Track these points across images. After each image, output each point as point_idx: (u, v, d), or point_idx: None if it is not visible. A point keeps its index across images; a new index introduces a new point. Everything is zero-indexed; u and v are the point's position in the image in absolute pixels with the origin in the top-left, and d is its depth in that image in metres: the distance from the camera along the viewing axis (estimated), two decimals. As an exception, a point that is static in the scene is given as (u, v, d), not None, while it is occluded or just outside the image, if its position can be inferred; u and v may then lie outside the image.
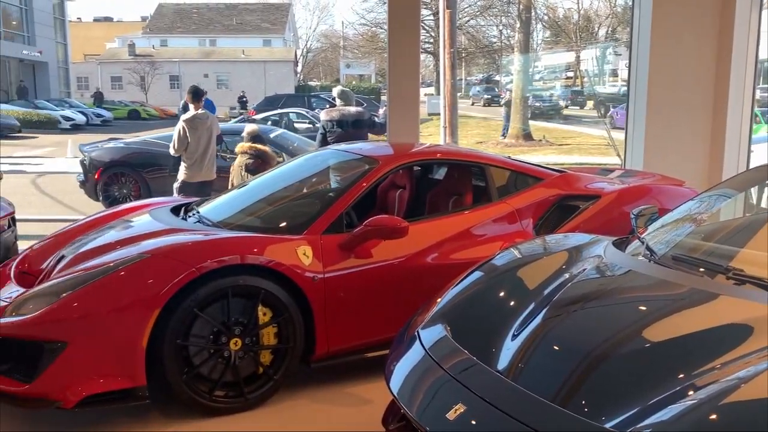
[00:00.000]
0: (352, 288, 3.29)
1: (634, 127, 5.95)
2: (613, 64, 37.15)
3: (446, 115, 14.94)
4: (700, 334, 2.00)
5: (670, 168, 5.65)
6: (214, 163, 6.53)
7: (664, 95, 5.75)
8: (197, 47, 45.07)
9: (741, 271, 2.25)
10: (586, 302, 2.39)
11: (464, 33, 28.90)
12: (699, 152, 5.91)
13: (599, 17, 34.90)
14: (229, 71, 41.79)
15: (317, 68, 53.31)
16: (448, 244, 3.55)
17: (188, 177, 6.35)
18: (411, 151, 4.08)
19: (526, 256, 2.93)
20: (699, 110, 5.84)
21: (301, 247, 3.21)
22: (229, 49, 43.97)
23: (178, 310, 2.90)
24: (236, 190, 4.23)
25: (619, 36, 33.71)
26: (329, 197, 3.57)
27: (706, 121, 5.87)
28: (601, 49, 35.31)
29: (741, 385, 1.65)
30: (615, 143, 12.41)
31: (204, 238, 3.22)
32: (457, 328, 2.44)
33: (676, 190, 4.32)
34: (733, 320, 2.01)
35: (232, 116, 26.19)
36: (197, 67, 41.53)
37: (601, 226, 3.87)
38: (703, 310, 2.15)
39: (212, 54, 43.56)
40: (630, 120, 6.05)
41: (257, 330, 3.09)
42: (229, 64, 42.03)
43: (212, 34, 46.75)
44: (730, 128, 5.79)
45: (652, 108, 5.77)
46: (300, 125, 18.89)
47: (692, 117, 5.83)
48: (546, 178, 4.05)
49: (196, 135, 6.27)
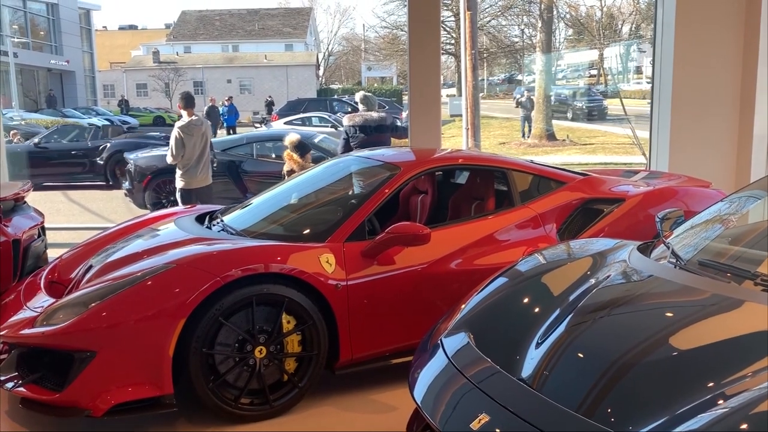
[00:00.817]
0: (375, 295, 3.29)
1: (659, 125, 5.88)
2: (638, 61, 36.73)
3: (468, 117, 14.91)
4: (728, 342, 1.96)
5: (696, 167, 5.56)
6: (209, 169, 6.56)
7: (689, 93, 5.67)
8: (220, 53, 45.53)
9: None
10: (610, 309, 2.37)
11: (485, 33, 28.79)
12: (726, 151, 5.81)
13: (622, 14, 34.50)
14: (251, 76, 42.14)
15: (339, 71, 53.53)
16: (471, 249, 3.54)
17: (186, 184, 6.38)
18: (433, 157, 4.08)
19: (550, 262, 2.91)
20: (725, 108, 5.74)
21: (324, 254, 3.23)
22: (252, 54, 44.33)
23: (204, 318, 2.93)
24: (260, 198, 4.26)
25: (643, 33, 33.29)
26: (351, 204, 3.59)
27: (733, 120, 5.76)
28: (625, 47, 34.91)
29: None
30: (640, 142, 12.27)
31: (228, 247, 3.25)
32: (480, 336, 2.43)
33: (703, 191, 4.25)
34: (762, 328, 1.98)
35: (254, 121, 26.42)
36: (220, 72, 41.98)
37: (625, 229, 3.83)
38: (730, 318, 2.11)
39: (235, 59, 43.96)
40: (654, 118, 5.98)
41: (281, 338, 3.11)
42: (252, 69, 42.38)
43: (235, 39, 47.21)
44: (758, 126, 5.68)
45: (677, 106, 5.68)
46: (322, 129, 18.99)
47: (718, 115, 5.74)
48: (569, 181, 4.01)
49: (192, 141, 6.30)
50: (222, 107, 22.18)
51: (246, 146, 9.89)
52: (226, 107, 21.99)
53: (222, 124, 21.69)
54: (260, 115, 27.22)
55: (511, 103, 28.82)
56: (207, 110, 21.85)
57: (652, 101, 6.12)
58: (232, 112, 21.74)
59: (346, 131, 6.75)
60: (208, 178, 6.54)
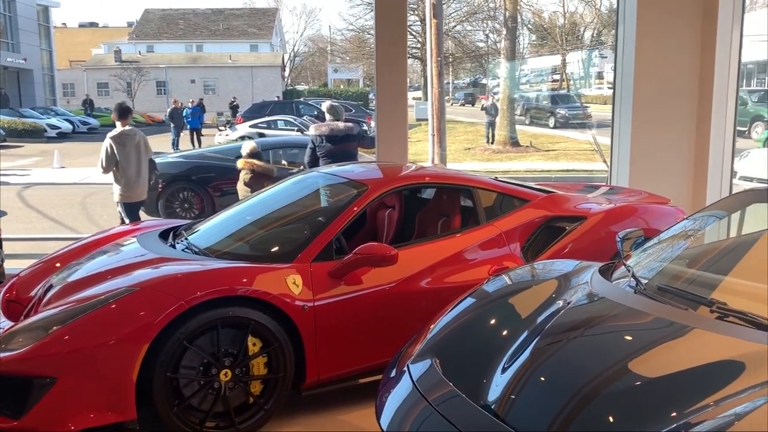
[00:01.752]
0: (343, 315, 3.30)
1: (620, 131, 5.99)
2: (599, 66, 37.43)
3: (434, 123, 15.00)
4: (690, 370, 2.01)
5: (655, 172, 5.74)
6: (146, 183, 6.32)
7: (650, 100, 5.79)
8: (184, 53, 44.92)
9: (725, 304, 2.28)
10: (574, 335, 2.41)
11: (451, 38, 28.99)
12: (684, 155, 5.93)
13: (584, 21, 35.13)
14: (216, 77, 41.69)
15: (305, 72, 53.31)
16: (438, 268, 3.57)
17: (125, 198, 6.14)
18: (400, 175, 4.10)
19: (516, 283, 2.95)
20: (684, 115, 5.88)
21: (291, 276, 3.22)
22: (216, 54, 43.86)
23: (168, 343, 2.90)
24: (225, 214, 4.22)
25: (604, 39, 33.94)
26: (318, 223, 3.58)
27: (690, 127, 5.91)
28: (587, 53, 35.54)
29: (735, 422, 1.67)
30: (600, 148, 12.51)
31: (193, 269, 3.21)
32: (447, 361, 2.45)
33: (661, 209, 4.37)
34: (723, 356, 2.03)
35: (219, 123, 26.14)
36: (184, 72, 41.42)
37: (587, 247, 3.91)
38: (691, 346, 2.17)
39: (199, 59, 43.42)
40: (616, 124, 6.10)
41: (247, 361, 3.09)
42: (216, 70, 41.93)
43: (199, 39, 46.63)
44: (714, 132, 5.83)
45: (638, 112, 5.80)
46: (288, 132, 18.89)
47: (677, 122, 5.87)
48: (532, 199, 4.08)
49: (125, 152, 6.07)
50: (186, 109, 21.88)
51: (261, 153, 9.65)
52: (190, 109, 21.69)
53: (186, 127, 21.40)
54: (224, 117, 26.92)
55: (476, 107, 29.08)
56: (170, 112, 21.56)
57: (613, 107, 6.24)
58: (196, 114, 21.45)
59: (313, 141, 6.74)
60: (145, 192, 6.30)
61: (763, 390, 1.77)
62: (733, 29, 5.73)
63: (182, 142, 20.92)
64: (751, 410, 1.70)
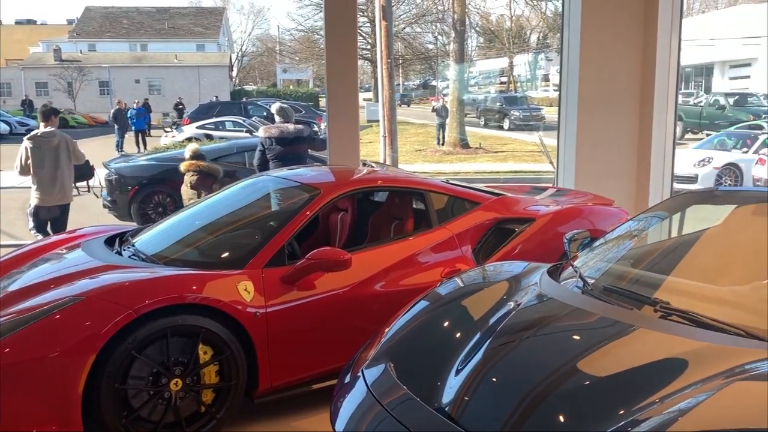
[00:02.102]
0: (296, 321, 3.27)
1: (566, 134, 6.13)
2: (545, 69, 38.29)
3: (386, 125, 15.06)
4: (637, 369, 2.07)
5: (600, 172, 5.88)
6: (71, 186, 6.10)
7: (594, 104, 5.92)
8: (128, 52, 43.78)
9: (668, 303, 2.37)
10: (524, 336, 2.46)
11: (400, 40, 29.14)
12: (628, 157, 6.10)
13: (530, 24, 35.86)
14: (161, 77, 40.75)
15: (253, 72, 52.68)
16: (391, 272, 3.58)
17: (41, 201, 5.93)
18: (352, 179, 4.10)
19: (468, 286, 2.99)
20: (627, 118, 6.03)
21: (242, 282, 3.18)
22: (161, 53, 42.87)
23: (116, 353, 2.82)
24: (173, 219, 4.14)
25: (549, 42, 34.70)
26: (270, 228, 3.54)
27: (634, 129, 6.06)
28: (533, 55, 36.29)
29: (679, 418, 1.73)
30: (547, 150, 12.77)
31: (141, 276, 3.13)
32: (401, 365, 2.47)
33: (606, 210, 4.49)
34: (667, 354, 2.10)
35: (165, 124, 25.59)
36: (128, 72, 40.36)
37: (536, 247, 3.99)
38: (636, 345, 2.24)
39: (143, 59, 42.38)
40: (562, 127, 6.23)
41: (198, 369, 3.03)
42: (162, 70, 40.98)
43: (143, 38, 45.52)
44: (656, 131, 6.01)
45: (583, 115, 5.93)
46: (236, 134, 18.63)
47: (621, 125, 6.00)
48: (483, 201, 4.13)
49: (39, 154, 5.86)
50: (130, 110, 21.33)
51: (237, 155, 9.40)
52: (135, 110, 21.16)
53: (130, 128, 20.87)
54: (170, 118, 26.34)
55: (427, 108, 29.26)
56: (114, 113, 21.00)
57: (559, 109, 6.37)
58: (141, 115, 20.93)
59: (262, 143, 6.68)
60: (66, 196, 6.05)
61: (704, 386, 1.85)
62: (672, 34, 5.94)
63: (127, 143, 20.41)
64: (693, 406, 1.77)
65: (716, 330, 2.15)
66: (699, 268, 2.93)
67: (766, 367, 1.87)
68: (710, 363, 1.96)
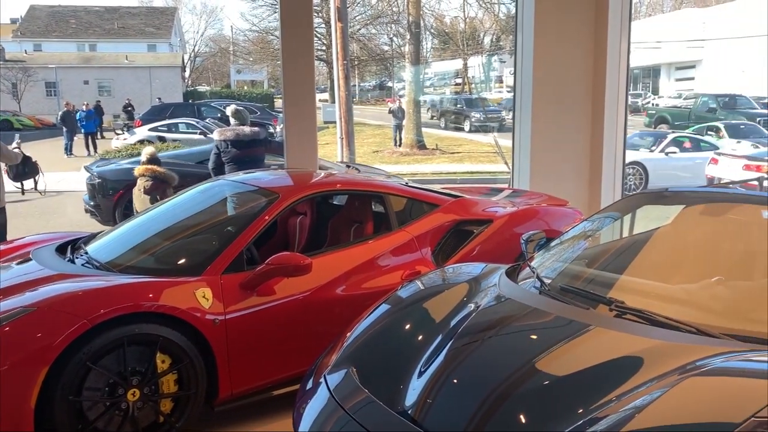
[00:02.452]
0: (256, 327, 3.24)
1: (521, 135, 6.22)
2: (498, 71, 38.81)
3: (342, 126, 15.04)
4: (594, 368, 2.12)
5: (555, 171, 5.99)
6: (2, 189, 5.62)
7: (548, 106, 6.02)
8: (76, 52, 42.57)
9: (622, 302, 2.43)
10: (484, 338, 2.49)
11: (356, 41, 29.15)
12: (581, 153, 6.21)
13: (484, 26, 36.28)
14: (111, 77, 39.72)
15: (206, 73, 51.89)
16: (351, 275, 3.58)
17: None
18: (311, 183, 4.08)
19: (428, 288, 3.01)
20: (580, 119, 6.14)
21: (200, 289, 3.13)
22: (111, 54, 41.80)
23: (70, 364, 2.74)
24: (127, 225, 4.05)
25: (503, 44, 35.19)
26: (228, 234, 3.50)
27: (586, 127, 6.19)
28: (487, 57, 36.74)
29: (635, 416, 1.78)
30: (502, 150, 12.94)
31: (95, 285, 3.05)
32: (364, 369, 2.46)
33: (561, 211, 4.58)
34: (623, 353, 2.16)
35: (116, 127, 25.00)
36: (76, 73, 39.21)
37: (494, 248, 4.05)
38: (593, 344, 2.29)
39: (92, 59, 41.25)
40: (517, 129, 6.32)
41: (156, 378, 2.98)
42: (112, 70, 39.96)
43: (92, 38, 44.32)
44: (607, 129, 6.15)
45: (537, 117, 6.02)
46: (189, 136, 18.32)
47: (574, 125, 6.10)
48: (442, 203, 4.17)
49: None
50: (79, 112, 20.76)
51: None
52: (84, 112, 20.60)
53: (80, 131, 20.31)
54: (121, 120, 25.70)
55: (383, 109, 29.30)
56: (62, 116, 20.40)
57: (514, 111, 6.47)
58: (90, 117, 20.38)
59: (218, 146, 6.58)
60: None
61: (659, 383, 1.90)
62: (622, 37, 6.09)
63: (77, 146, 19.86)
64: (649, 403, 1.82)
65: (669, 328, 2.22)
66: (651, 267, 3.02)
67: (718, 362, 1.94)
68: (664, 360, 2.02)
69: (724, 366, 1.93)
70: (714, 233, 3.01)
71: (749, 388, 1.83)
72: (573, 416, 1.90)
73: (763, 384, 1.79)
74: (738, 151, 12.35)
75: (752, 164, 10.56)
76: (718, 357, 1.98)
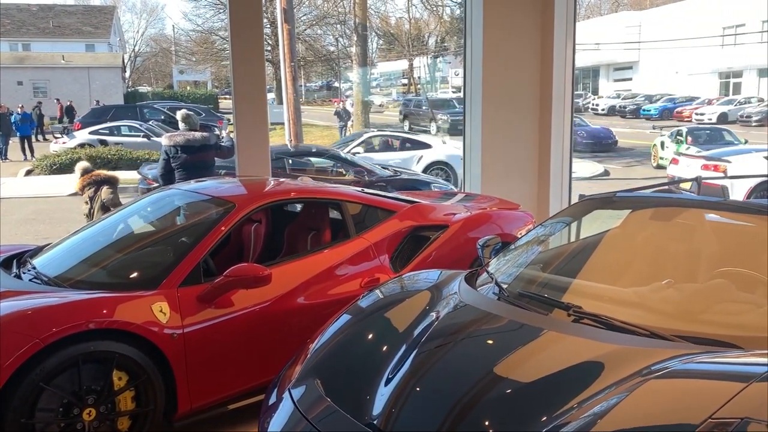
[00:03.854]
0: (215, 340, 3.19)
1: (471, 138, 6.31)
2: (444, 71, 39.24)
3: (291, 128, 14.93)
4: (555, 374, 2.16)
5: (505, 169, 6.11)
6: None
7: (496, 110, 6.13)
8: (8, 52, 40.85)
9: (580, 308, 2.50)
10: (447, 346, 2.52)
11: (302, 41, 28.95)
12: (530, 155, 6.36)
13: (429, 27, 36.60)
14: (47, 78, 38.26)
15: (148, 73, 50.63)
16: (310, 285, 3.56)
17: None
18: (266, 191, 4.04)
19: (389, 296, 3.02)
20: (528, 122, 6.29)
21: (157, 303, 3.06)
22: (47, 54, 40.28)
23: (22, 386, 2.65)
24: (75, 237, 3.92)
25: (447, 45, 35.58)
26: (183, 245, 3.43)
27: (534, 131, 6.31)
28: (432, 58, 37.08)
29: (597, 421, 1.83)
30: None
31: (47, 302, 2.95)
32: (329, 380, 2.46)
33: (513, 214, 4.68)
34: (582, 358, 2.21)
35: (54, 129, 24.14)
36: (9, 73, 37.53)
37: (450, 252, 4.10)
38: (553, 350, 2.35)
39: (26, 59, 39.65)
40: (467, 131, 6.41)
41: (113, 396, 2.90)
42: (47, 71, 38.47)
43: (25, 37, 42.63)
44: (554, 137, 6.30)
45: (486, 120, 6.12)
46: (133, 139, 17.87)
47: (523, 128, 6.26)
48: (398, 210, 4.19)
49: None
50: (14, 114, 19.96)
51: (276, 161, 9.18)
52: (19, 115, 19.81)
53: (15, 134, 19.52)
54: (61, 124, 24.77)
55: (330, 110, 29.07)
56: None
57: (464, 115, 6.55)
58: (26, 120, 19.61)
59: (167, 151, 6.45)
60: None
61: (618, 388, 1.97)
62: (567, 39, 6.23)
63: (12, 150, 19.09)
64: (610, 408, 1.88)
65: (625, 332, 2.30)
66: (603, 270, 3.12)
67: (674, 365, 2.02)
68: (622, 365, 2.09)
69: (680, 368, 2.01)
70: (662, 237, 3.13)
71: (705, 389, 1.91)
72: (536, 423, 1.94)
73: (718, 385, 1.88)
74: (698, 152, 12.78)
75: (710, 164, 10.94)
76: (673, 360, 2.06)
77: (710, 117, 26.15)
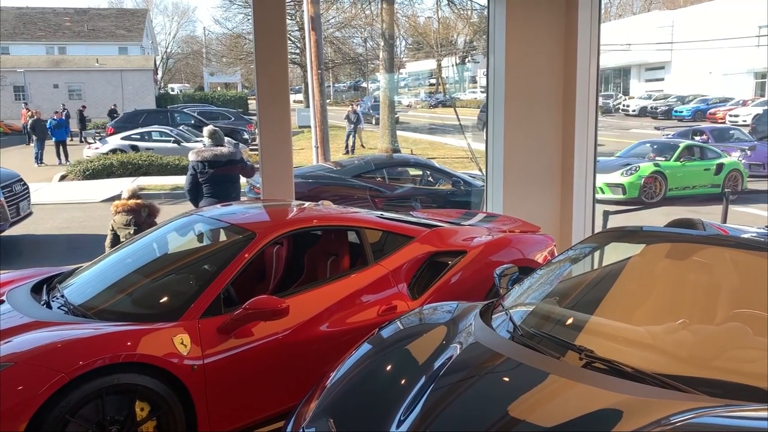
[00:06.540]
0: (234, 370, 3.27)
1: (494, 140, 6.27)
2: (472, 71, 39.04)
3: (317, 134, 15.03)
4: (568, 424, 2.18)
5: (527, 176, 6.05)
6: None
7: (520, 112, 6.06)
8: (45, 55, 41.86)
9: (591, 352, 2.51)
10: (459, 390, 2.54)
11: (329, 43, 29.09)
12: (553, 155, 6.26)
13: (457, 27, 36.46)
14: (82, 81, 39.13)
15: (179, 74, 51.40)
16: (329, 313, 3.61)
17: None
18: (287, 219, 4.10)
19: (407, 329, 3.06)
20: (551, 126, 6.19)
21: (178, 335, 3.15)
22: (81, 57, 41.18)
23: (48, 418, 2.75)
24: (102, 262, 4.03)
25: (476, 44, 35.37)
26: (205, 275, 3.52)
27: (557, 127, 6.23)
28: (460, 58, 36.89)
29: None
30: (475, 155, 12.99)
31: (73, 336, 3.05)
32: (342, 420, 2.51)
33: (533, 238, 4.67)
34: (595, 407, 2.22)
35: (87, 135, 24.65)
36: (45, 76, 38.57)
37: (468, 278, 4.12)
38: (564, 398, 2.35)
39: (62, 63, 40.59)
40: (490, 135, 6.37)
41: (135, 427, 2.99)
42: (82, 74, 39.35)
43: (61, 41, 43.64)
44: (578, 129, 6.21)
45: (509, 123, 6.06)
46: (163, 144, 18.16)
47: (546, 132, 6.18)
48: (417, 235, 4.22)
49: None
50: (50, 120, 20.45)
51: (376, 171, 9.64)
52: (55, 120, 20.29)
53: (50, 138, 20.01)
54: (94, 130, 25.14)
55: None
56: (32, 123, 20.09)
57: (487, 116, 6.49)
58: (61, 125, 20.07)
59: (194, 167, 6.58)
60: None
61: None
62: (591, 40, 6.12)
63: (47, 155, 19.56)
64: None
65: (636, 380, 2.30)
66: (618, 307, 3.10)
67: (691, 419, 2.01)
68: (637, 416, 2.09)
69: (697, 422, 2.01)
70: (678, 274, 3.10)
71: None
72: None
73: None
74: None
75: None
76: (688, 413, 2.06)
77: (744, 119, 25.57)
